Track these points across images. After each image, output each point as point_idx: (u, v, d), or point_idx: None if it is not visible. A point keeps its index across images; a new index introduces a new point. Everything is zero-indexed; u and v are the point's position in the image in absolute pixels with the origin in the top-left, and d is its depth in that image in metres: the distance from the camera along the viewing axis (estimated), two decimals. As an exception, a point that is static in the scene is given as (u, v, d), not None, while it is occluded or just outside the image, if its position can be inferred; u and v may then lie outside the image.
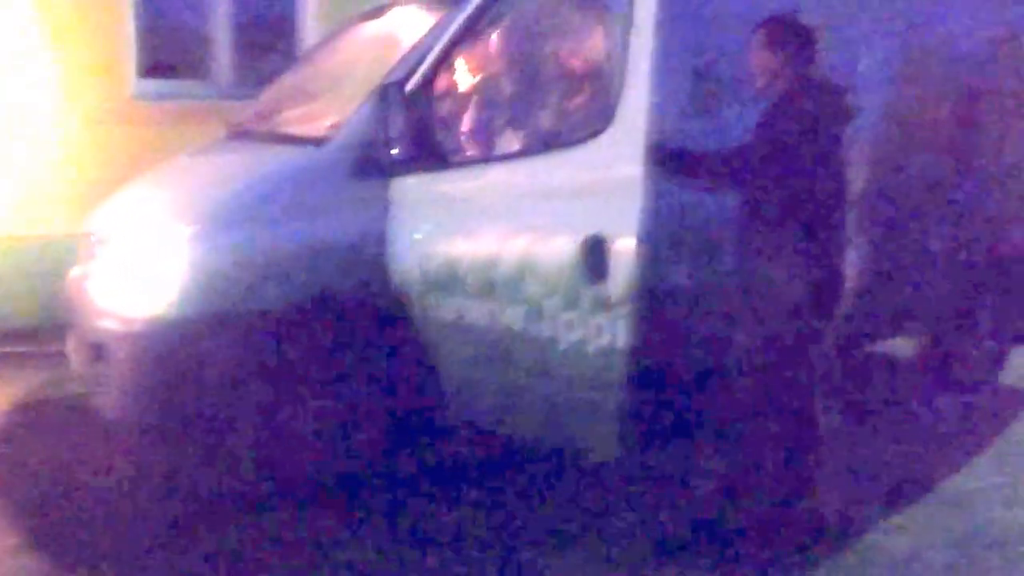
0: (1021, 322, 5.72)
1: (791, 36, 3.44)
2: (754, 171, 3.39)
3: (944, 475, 4.31)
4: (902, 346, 5.71)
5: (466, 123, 4.08)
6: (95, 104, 6.18)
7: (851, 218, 3.38)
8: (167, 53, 6.61)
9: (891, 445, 4.67)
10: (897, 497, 4.07)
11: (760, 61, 3.47)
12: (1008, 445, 4.75)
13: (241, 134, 4.57)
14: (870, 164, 3.52)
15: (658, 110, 3.34)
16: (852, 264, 3.42)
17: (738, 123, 3.56)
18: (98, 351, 3.85)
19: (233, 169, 4.23)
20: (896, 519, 3.88)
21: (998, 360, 5.74)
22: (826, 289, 3.38)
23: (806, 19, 3.49)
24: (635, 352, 3.37)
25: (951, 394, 5.44)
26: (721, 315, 3.61)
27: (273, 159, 4.04)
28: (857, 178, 3.40)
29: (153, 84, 6.43)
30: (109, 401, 3.90)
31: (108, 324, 3.83)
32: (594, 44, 3.78)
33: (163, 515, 3.72)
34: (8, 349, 5.52)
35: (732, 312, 3.55)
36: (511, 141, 3.95)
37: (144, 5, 6.40)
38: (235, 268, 3.71)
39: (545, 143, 3.86)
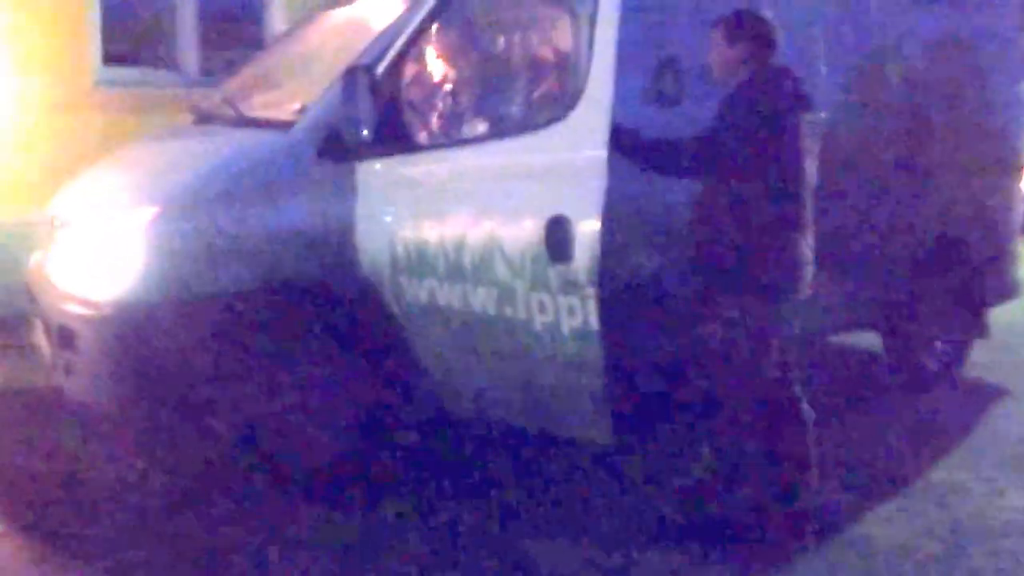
0: (976, 319, 5.89)
1: (750, 30, 3.61)
2: (711, 158, 3.56)
3: (923, 468, 4.47)
4: (867, 339, 5.86)
5: (433, 107, 4.24)
6: (57, 91, 6.28)
7: (808, 205, 3.55)
8: (131, 40, 6.76)
9: (864, 437, 4.83)
10: (882, 488, 4.21)
11: (719, 54, 3.65)
12: (984, 438, 4.94)
13: (206, 118, 4.69)
14: (827, 155, 3.69)
15: (622, 95, 3.51)
16: (810, 251, 3.59)
17: (698, 110, 3.73)
18: (65, 336, 3.93)
19: (197, 152, 4.34)
20: (882, 510, 4.02)
21: (957, 356, 5.93)
22: (785, 274, 3.55)
23: (765, 12, 3.67)
24: (608, 333, 3.52)
25: (913, 389, 5.63)
26: (684, 298, 3.77)
27: (238, 142, 4.17)
28: (814, 167, 3.59)
29: (117, 72, 6.56)
30: (78, 387, 3.99)
31: (73, 308, 3.92)
32: (560, 30, 3.98)
33: (136, 500, 3.83)
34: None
35: (694, 296, 3.70)
36: (478, 125, 4.12)
37: (108, -9, 6.51)
38: (199, 251, 3.80)
39: (511, 126, 4.04)
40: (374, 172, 3.98)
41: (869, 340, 5.84)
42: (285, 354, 3.93)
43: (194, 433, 3.95)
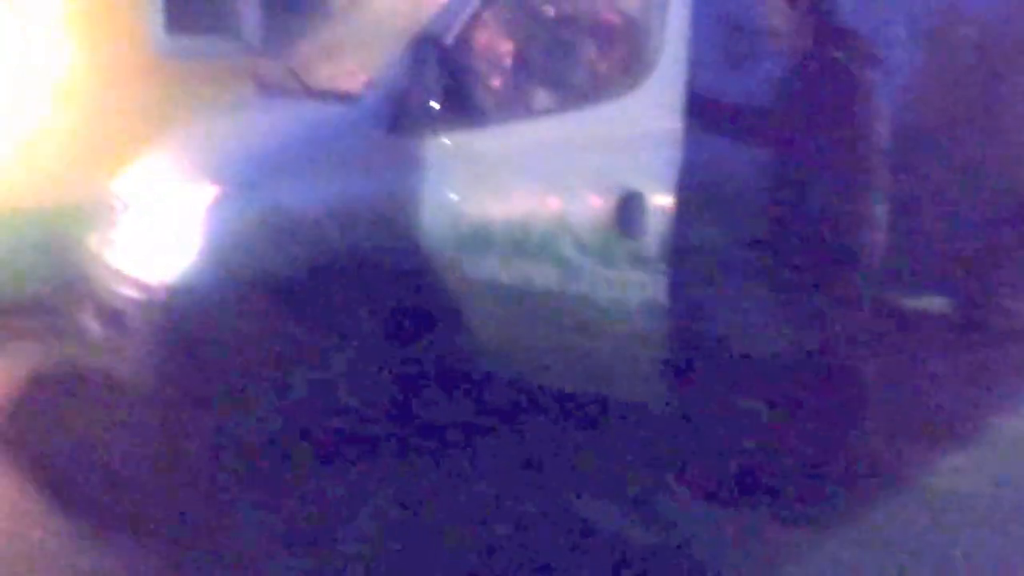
0: None
1: None
2: (785, 124, 3.57)
3: (993, 421, 4.59)
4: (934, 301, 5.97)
5: (502, 78, 4.24)
6: (118, 62, 6.29)
7: (880, 169, 3.56)
8: (194, 8, 6.74)
9: (931, 392, 4.95)
10: (951, 441, 4.32)
11: (781, 17, 3.64)
12: None
13: (271, 90, 4.73)
14: (904, 112, 3.68)
15: (695, 64, 3.52)
16: (884, 214, 3.60)
17: (772, 77, 3.72)
18: (118, 319, 4.00)
19: (261, 127, 4.40)
20: (951, 461, 4.14)
21: None
22: (860, 238, 3.57)
23: None
24: (675, 306, 3.56)
25: (981, 346, 5.69)
26: (757, 268, 3.78)
27: (304, 116, 4.22)
28: (887, 129, 3.57)
29: (179, 41, 6.58)
30: (129, 371, 4.03)
31: (127, 291, 3.97)
32: (633, -2, 3.98)
33: (190, 484, 3.89)
34: (22, 323, 5.53)
35: (767, 264, 3.72)
36: (547, 96, 4.13)
37: (170, -41, 6.53)
38: (260, 230, 3.84)
39: (582, 98, 4.03)
40: (442, 146, 4.01)
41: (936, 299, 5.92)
42: (347, 332, 3.98)
43: (251, 415, 3.96)
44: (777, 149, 3.63)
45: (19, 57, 6.09)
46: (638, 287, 3.61)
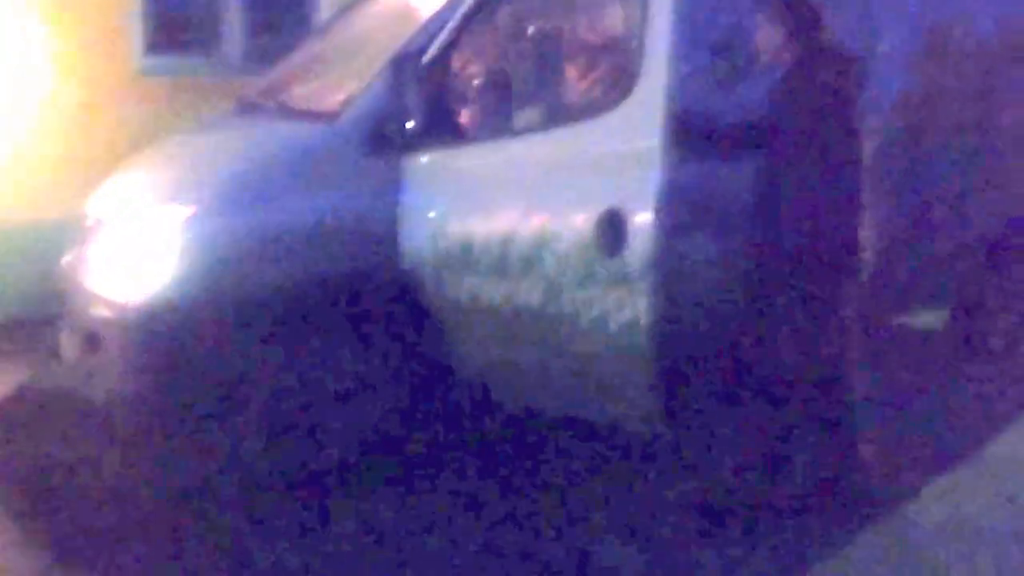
0: None
1: (795, 8, 3.63)
2: (769, 142, 3.57)
3: (983, 441, 4.54)
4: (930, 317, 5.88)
5: (482, 97, 4.19)
6: (99, 80, 6.30)
7: (869, 186, 3.55)
8: (175, 27, 6.76)
9: (928, 412, 4.87)
10: (938, 464, 4.25)
11: (767, 35, 3.67)
12: None
13: (249, 109, 4.72)
14: (891, 134, 3.69)
15: (676, 82, 3.52)
16: (872, 231, 3.60)
17: (755, 95, 3.73)
18: (92, 341, 3.93)
19: (238, 146, 4.37)
20: (937, 486, 4.07)
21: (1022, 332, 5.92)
22: (846, 257, 3.56)
23: None
24: (658, 326, 3.54)
25: (975, 365, 5.68)
26: (742, 286, 3.77)
27: (281, 134, 4.20)
28: (875, 147, 3.58)
29: (160, 60, 6.58)
30: (103, 393, 3.98)
31: (101, 311, 3.93)
32: (613, 16, 3.98)
33: (161, 508, 3.85)
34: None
35: (753, 283, 3.72)
36: (528, 115, 4.10)
37: (151, -22, 6.53)
38: (237, 250, 3.81)
39: (562, 117, 4.02)
40: (420, 165, 3.99)
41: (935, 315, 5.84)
42: (325, 351, 3.94)
43: (227, 439, 3.90)
44: (763, 167, 3.62)
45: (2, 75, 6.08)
46: (620, 306, 3.59)
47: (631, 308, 3.56)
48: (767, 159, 3.61)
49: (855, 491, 3.81)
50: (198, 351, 3.74)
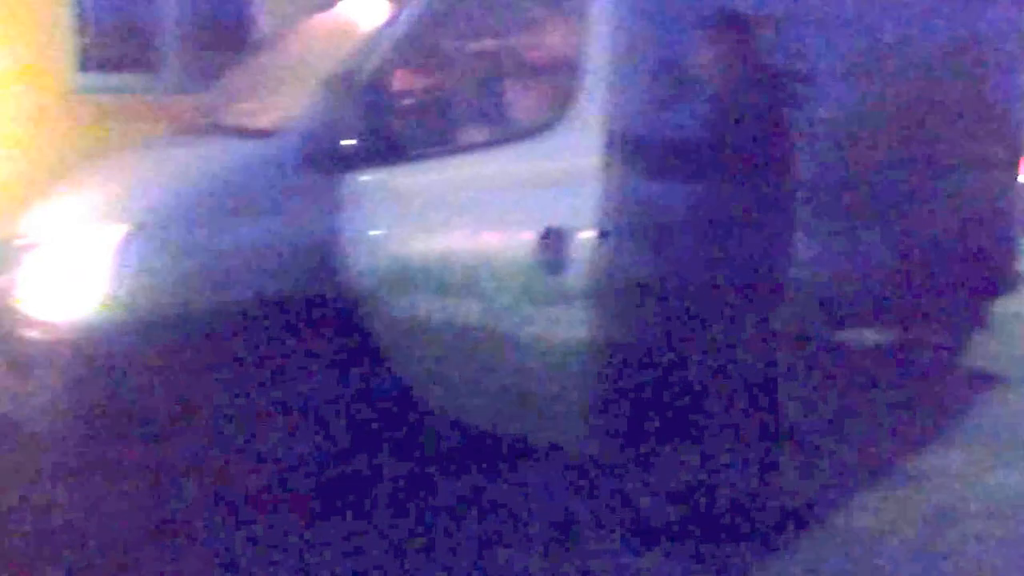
0: (977, 311, 6.19)
1: (734, 30, 3.68)
2: (702, 162, 3.62)
3: (913, 455, 4.73)
4: (872, 335, 6.13)
5: (422, 115, 4.24)
6: (30, 99, 6.20)
7: (802, 207, 3.61)
8: (110, 45, 6.67)
9: (856, 430, 5.08)
10: (871, 477, 4.44)
11: (705, 55, 3.71)
12: (974, 425, 5.28)
13: (187, 128, 4.68)
14: (829, 152, 3.78)
15: (616, 101, 3.55)
16: (807, 253, 3.67)
17: (692, 115, 3.77)
18: (25, 365, 3.88)
19: (175, 164, 4.32)
20: (867, 498, 4.22)
21: (956, 347, 6.24)
22: (776, 278, 3.62)
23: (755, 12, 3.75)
24: (597, 344, 3.57)
25: (910, 379, 5.92)
26: (677, 306, 3.79)
27: (219, 153, 4.16)
28: (811, 168, 3.65)
29: (95, 78, 6.50)
30: (36, 419, 3.89)
31: (36, 334, 3.85)
32: (553, 34, 4.00)
33: (99, 535, 3.75)
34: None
35: (687, 303, 3.75)
36: (468, 133, 4.13)
37: (84, -7, 6.46)
38: (175, 270, 3.75)
39: (503, 135, 4.05)
40: (361, 183, 3.97)
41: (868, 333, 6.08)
42: (265, 372, 3.89)
43: (164, 462, 3.83)
44: (698, 187, 3.66)
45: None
46: (561, 323, 3.61)
47: (571, 326, 3.59)
48: (702, 178, 3.65)
49: (786, 508, 3.89)
50: (132, 373, 3.68)
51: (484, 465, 4.42)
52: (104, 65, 6.64)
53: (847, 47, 4.94)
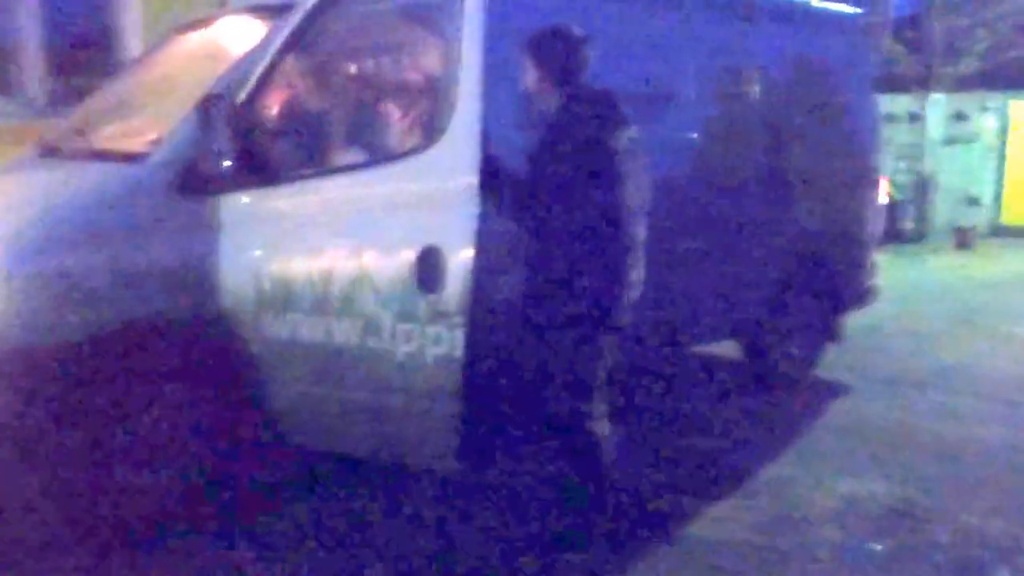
0: (831, 325, 6.57)
1: (557, 52, 3.75)
2: (539, 185, 3.71)
3: (763, 465, 4.97)
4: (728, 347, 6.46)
5: (297, 135, 4.24)
6: None
7: (631, 228, 3.69)
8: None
9: (712, 439, 5.35)
10: (721, 487, 4.66)
11: (530, 77, 3.80)
12: (821, 434, 5.55)
13: (51, 152, 4.57)
14: (678, 172, 3.90)
15: (490, 121, 3.62)
16: (639, 274, 3.76)
17: (539, 139, 3.81)
18: None
19: (41, 189, 4.22)
20: (715, 508, 4.43)
21: (810, 359, 6.57)
22: (606, 298, 3.70)
23: (584, 30, 3.81)
24: (469, 361, 3.64)
25: (765, 390, 6.26)
26: (526, 325, 3.89)
27: (87, 177, 4.06)
28: (642, 189, 3.74)
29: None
30: None
31: None
32: (426, 57, 4.07)
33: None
34: None
35: (528, 323, 3.84)
36: (344, 153, 4.15)
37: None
38: (41, 297, 3.67)
39: (379, 155, 4.08)
40: (236, 205, 3.95)
41: (728, 345, 6.43)
42: (141, 398, 3.85)
43: (36, 489, 3.78)
44: (542, 209, 3.73)
45: None
46: (436, 341, 3.67)
47: (446, 344, 3.65)
48: (538, 201, 3.73)
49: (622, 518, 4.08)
50: (3, 401, 3.60)
51: (351, 486, 4.49)
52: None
53: (696, 70, 5.24)
